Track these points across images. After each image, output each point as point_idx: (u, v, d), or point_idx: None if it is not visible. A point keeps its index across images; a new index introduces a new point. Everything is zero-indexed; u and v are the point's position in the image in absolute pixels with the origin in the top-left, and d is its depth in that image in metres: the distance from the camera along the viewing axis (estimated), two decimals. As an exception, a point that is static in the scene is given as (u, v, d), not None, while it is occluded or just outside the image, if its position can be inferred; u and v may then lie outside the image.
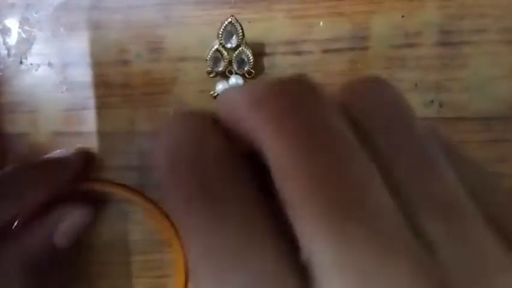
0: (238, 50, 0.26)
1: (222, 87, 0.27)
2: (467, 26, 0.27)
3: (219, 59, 0.26)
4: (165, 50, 0.28)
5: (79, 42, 0.28)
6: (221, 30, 0.25)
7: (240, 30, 0.25)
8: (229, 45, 0.26)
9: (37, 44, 0.29)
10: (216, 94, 0.28)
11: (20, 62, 0.29)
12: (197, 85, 0.28)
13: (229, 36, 0.26)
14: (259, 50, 0.28)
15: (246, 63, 0.26)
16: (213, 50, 0.26)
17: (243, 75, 0.27)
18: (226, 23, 0.25)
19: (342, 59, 0.28)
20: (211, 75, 0.27)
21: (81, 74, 0.28)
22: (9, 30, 0.29)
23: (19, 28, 0.29)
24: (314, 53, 0.28)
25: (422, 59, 0.28)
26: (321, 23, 0.28)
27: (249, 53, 0.26)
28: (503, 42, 0.27)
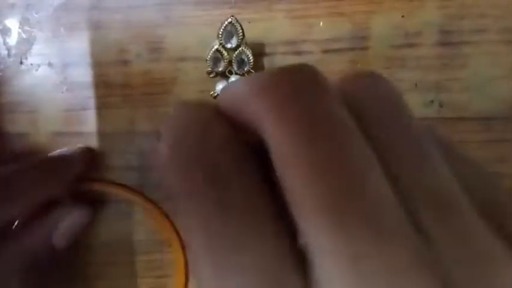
0: (238, 50, 0.26)
1: (222, 88, 0.27)
2: (467, 26, 0.27)
3: (219, 59, 0.26)
4: (165, 50, 0.28)
5: (79, 42, 0.28)
6: (221, 30, 0.25)
7: (240, 31, 0.25)
8: (229, 45, 0.26)
9: (37, 44, 0.29)
10: (216, 94, 0.28)
11: (20, 62, 0.29)
12: (197, 85, 0.28)
13: (229, 37, 0.26)
14: (259, 50, 0.28)
15: (246, 63, 0.26)
16: (213, 50, 0.26)
17: (243, 76, 0.27)
18: (226, 23, 0.25)
19: (342, 59, 0.28)
20: (211, 76, 0.27)
21: (81, 74, 0.28)
22: (10, 30, 0.29)
23: (19, 28, 0.29)
24: (314, 53, 0.28)
25: (422, 59, 0.28)
26: (321, 23, 0.28)
27: (249, 53, 0.26)
28: (503, 42, 0.27)
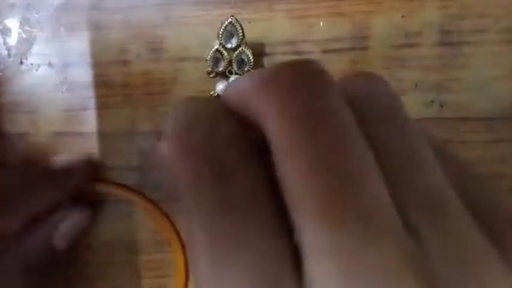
0: (238, 50, 0.26)
1: (222, 88, 0.27)
2: (467, 26, 0.27)
3: (219, 59, 0.26)
4: (165, 50, 0.28)
5: (79, 42, 0.28)
6: (221, 30, 0.25)
7: (240, 31, 0.25)
8: (229, 45, 0.26)
9: (37, 44, 0.29)
10: (216, 94, 0.28)
11: (21, 62, 0.29)
12: (197, 85, 0.28)
13: (229, 37, 0.26)
14: (260, 50, 0.28)
15: (246, 63, 0.26)
16: (213, 50, 0.26)
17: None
18: (226, 23, 0.25)
19: (342, 59, 0.28)
20: (211, 76, 0.27)
21: (81, 74, 0.28)
22: (10, 30, 0.29)
23: (19, 28, 0.29)
24: (314, 53, 0.28)
25: (423, 59, 0.28)
26: (321, 23, 0.28)
27: (249, 53, 0.26)
28: (503, 42, 0.27)
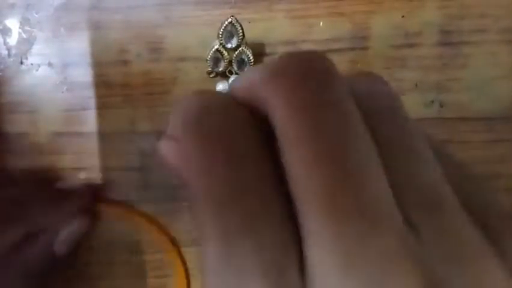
0: (238, 50, 0.26)
1: (222, 88, 0.27)
2: (467, 26, 0.27)
3: (219, 59, 0.26)
4: (165, 50, 0.28)
5: (79, 42, 0.28)
6: (221, 30, 0.25)
7: (240, 31, 0.25)
8: (229, 45, 0.26)
9: (37, 44, 0.29)
10: (216, 94, 0.28)
11: (21, 62, 0.29)
12: (197, 85, 0.28)
13: (230, 37, 0.26)
14: (260, 50, 0.28)
15: (246, 63, 0.26)
16: (213, 50, 0.26)
17: (243, 75, 0.27)
18: (226, 23, 0.25)
19: (343, 59, 0.28)
20: (211, 76, 0.27)
21: (81, 74, 0.28)
22: (10, 30, 0.29)
23: (20, 28, 0.29)
24: (314, 53, 0.28)
25: (423, 59, 0.28)
26: (321, 23, 0.28)
27: (249, 53, 0.26)
28: (503, 42, 0.27)
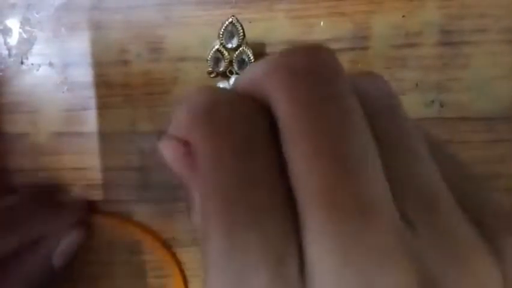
0: (239, 50, 0.26)
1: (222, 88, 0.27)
2: (467, 26, 0.27)
3: (219, 59, 0.26)
4: (165, 50, 0.28)
5: (79, 42, 0.28)
6: (222, 30, 0.25)
7: (240, 30, 0.25)
8: (229, 45, 0.26)
9: (38, 44, 0.29)
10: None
11: (21, 62, 0.29)
12: (197, 85, 0.28)
13: (230, 36, 0.26)
14: (260, 50, 0.28)
15: (246, 63, 0.26)
16: (214, 50, 0.26)
17: (243, 75, 0.27)
18: (227, 23, 0.25)
19: (343, 59, 0.28)
20: (211, 76, 0.27)
21: (82, 74, 0.28)
22: (10, 30, 0.29)
23: (20, 28, 0.29)
24: (315, 53, 0.28)
25: (423, 59, 0.28)
26: (322, 23, 0.28)
27: (249, 53, 0.26)
28: (504, 42, 0.27)
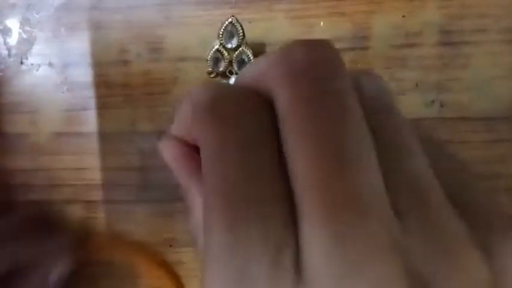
0: (238, 50, 0.26)
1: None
2: (467, 26, 0.27)
3: (219, 59, 0.26)
4: (165, 50, 0.28)
5: (79, 42, 0.28)
6: (221, 30, 0.25)
7: (240, 31, 0.25)
8: (229, 45, 0.26)
9: (38, 44, 0.29)
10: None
11: (21, 62, 0.29)
12: (197, 85, 0.28)
13: (230, 37, 0.26)
14: (260, 50, 0.28)
15: (246, 63, 0.26)
16: (214, 50, 0.26)
17: (243, 76, 0.27)
18: (226, 23, 0.25)
19: (343, 59, 0.28)
20: (211, 76, 0.27)
21: (81, 74, 0.28)
22: (10, 30, 0.29)
23: (20, 28, 0.29)
24: (315, 53, 0.28)
25: (423, 59, 0.28)
26: (322, 23, 0.28)
27: (249, 53, 0.26)
28: (504, 42, 0.27)
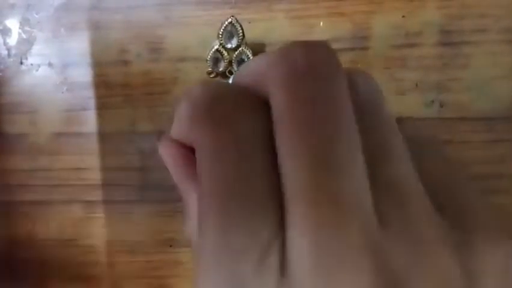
0: (238, 50, 0.26)
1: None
2: (467, 26, 0.27)
3: (219, 60, 0.26)
4: (165, 50, 0.28)
5: (79, 42, 0.28)
6: (221, 30, 0.25)
7: (240, 31, 0.25)
8: (229, 45, 0.26)
9: (37, 45, 0.29)
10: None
11: (21, 63, 0.29)
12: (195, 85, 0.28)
13: (230, 37, 0.26)
14: (260, 50, 0.28)
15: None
16: (213, 50, 0.26)
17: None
18: (226, 23, 0.25)
19: (343, 59, 0.28)
20: (211, 76, 0.27)
21: (81, 74, 0.28)
22: (10, 30, 0.29)
23: (19, 28, 0.29)
24: (314, 53, 0.28)
25: (423, 59, 0.28)
26: (322, 23, 0.28)
27: (249, 53, 0.26)
28: (503, 42, 0.27)
